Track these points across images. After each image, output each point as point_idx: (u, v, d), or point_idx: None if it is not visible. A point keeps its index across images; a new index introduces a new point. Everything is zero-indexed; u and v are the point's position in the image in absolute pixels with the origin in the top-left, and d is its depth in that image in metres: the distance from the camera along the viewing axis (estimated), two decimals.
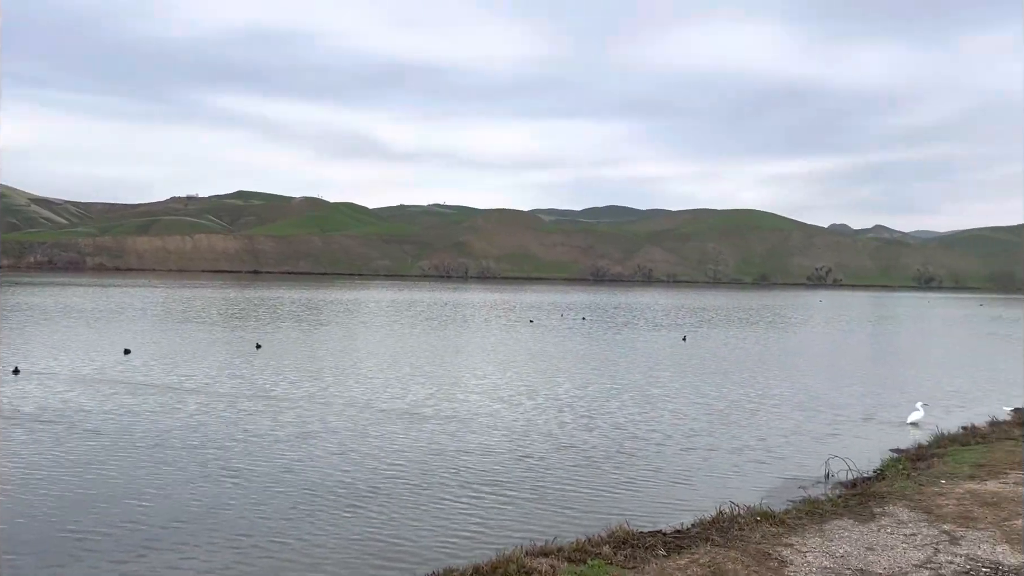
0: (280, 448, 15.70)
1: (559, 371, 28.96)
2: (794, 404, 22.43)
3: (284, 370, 27.15)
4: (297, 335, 41.55)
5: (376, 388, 23.67)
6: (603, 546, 8.58)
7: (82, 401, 20.14)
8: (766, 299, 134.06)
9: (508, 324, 54.90)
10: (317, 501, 12.28)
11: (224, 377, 25.02)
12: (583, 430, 18.11)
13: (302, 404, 20.55)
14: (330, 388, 23.43)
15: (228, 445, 15.84)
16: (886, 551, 8.16)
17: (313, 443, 16.18)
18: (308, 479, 13.53)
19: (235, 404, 20.28)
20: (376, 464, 14.67)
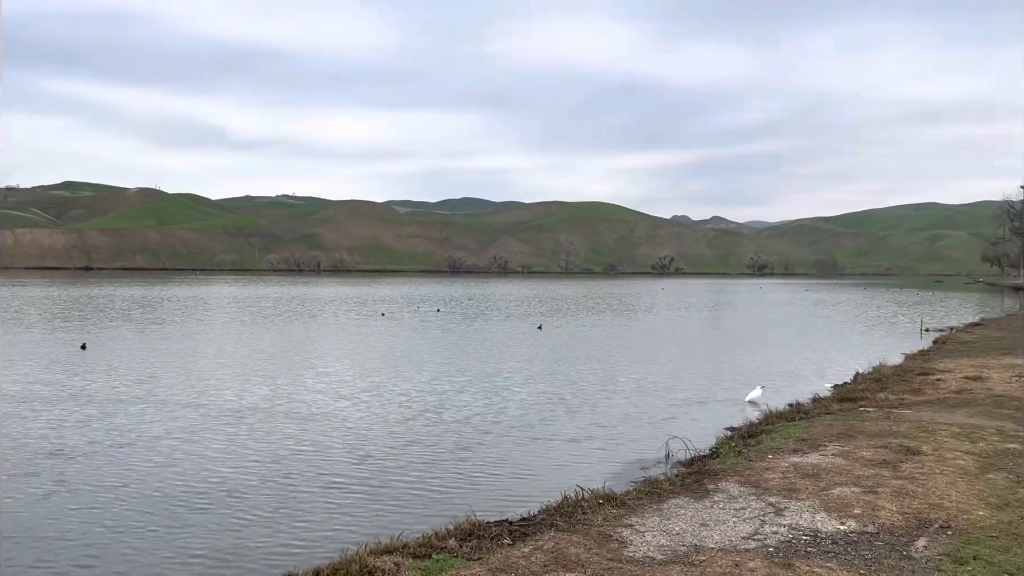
0: (107, 455, 14.57)
1: (409, 365, 28.69)
2: (637, 389, 23.27)
3: (111, 372, 25.32)
4: (129, 335, 38.91)
5: (212, 388, 22.52)
6: (449, 539, 8.49)
7: None
8: (615, 287, 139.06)
9: (359, 318, 53.90)
10: (150, 510, 11.49)
11: (40, 382, 23.00)
12: (431, 424, 17.97)
13: (130, 407, 19.21)
14: (162, 390, 22.07)
15: (47, 454, 14.53)
16: (718, 526, 8.53)
17: (143, 449, 15.14)
18: (139, 487, 12.64)
19: (54, 410, 18.66)
20: (213, 468, 13.91)
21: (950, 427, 13.31)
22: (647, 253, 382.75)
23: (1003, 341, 30.70)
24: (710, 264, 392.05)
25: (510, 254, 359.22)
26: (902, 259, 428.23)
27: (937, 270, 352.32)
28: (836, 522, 8.53)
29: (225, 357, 30.14)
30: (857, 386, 20.05)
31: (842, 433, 13.09)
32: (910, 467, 10.72)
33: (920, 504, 9.08)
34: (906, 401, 16.50)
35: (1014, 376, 19.63)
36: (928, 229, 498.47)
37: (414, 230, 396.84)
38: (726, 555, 7.59)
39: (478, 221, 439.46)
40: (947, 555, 7.48)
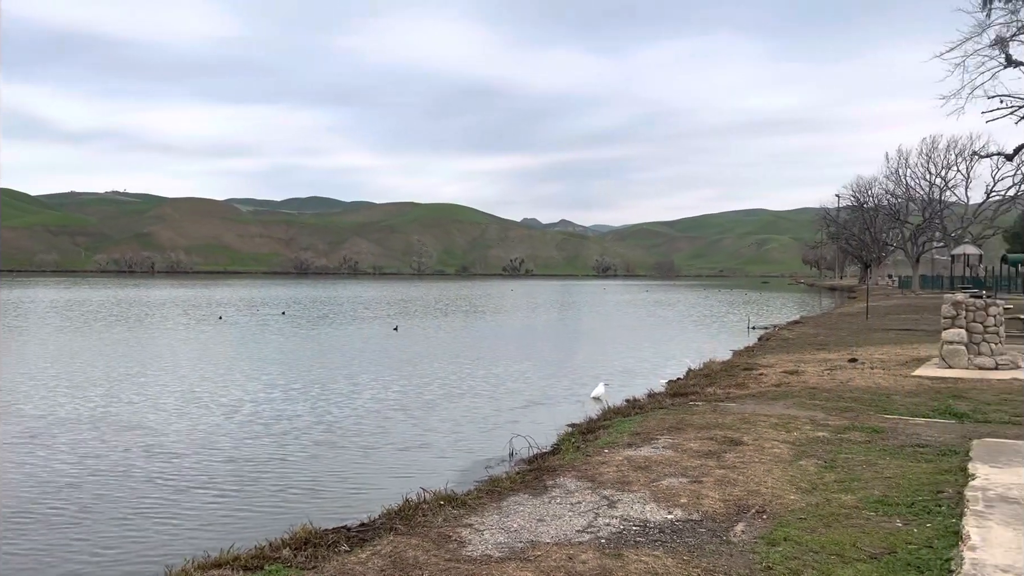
0: None
1: (249, 371, 27.62)
2: (485, 389, 23.51)
3: None
4: None
5: (32, 396, 20.71)
6: (283, 549, 8.22)
7: None
8: (467, 289, 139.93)
9: (193, 322, 51.29)
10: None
11: None
12: (270, 432, 17.36)
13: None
14: None
15: None
16: (554, 520, 8.76)
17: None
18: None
19: None
20: (34, 481, 12.78)
21: (769, 418, 14.31)
22: (499, 255, 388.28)
23: (818, 337, 33.39)
24: (558, 266, 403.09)
25: (360, 255, 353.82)
26: (733, 261, 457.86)
27: (764, 272, 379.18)
28: (664, 512, 8.96)
29: (30, 367, 27.78)
30: (688, 381, 21.19)
31: (673, 426, 13.78)
32: (732, 457, 11.43)
33: (740, 491, 9.69)
34: (731, 395, 17.60)
35: (826, 370, 21.39)
36: (756, 233, 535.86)
37: (258, 229, 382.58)
38: (561, 548, 7.80)
39: (327, 221, 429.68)
40: (762, 538, 8.03)
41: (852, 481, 10.08)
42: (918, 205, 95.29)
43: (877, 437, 12.69)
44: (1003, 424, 13.62)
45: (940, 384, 18.33)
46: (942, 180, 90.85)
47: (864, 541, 7.86)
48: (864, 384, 18.55)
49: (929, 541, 7.80)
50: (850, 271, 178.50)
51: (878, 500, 9.23)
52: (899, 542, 7.82)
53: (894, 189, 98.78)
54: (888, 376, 19.84)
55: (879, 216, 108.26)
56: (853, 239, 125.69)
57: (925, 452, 11.60)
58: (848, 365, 22.38)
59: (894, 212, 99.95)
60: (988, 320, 20.69)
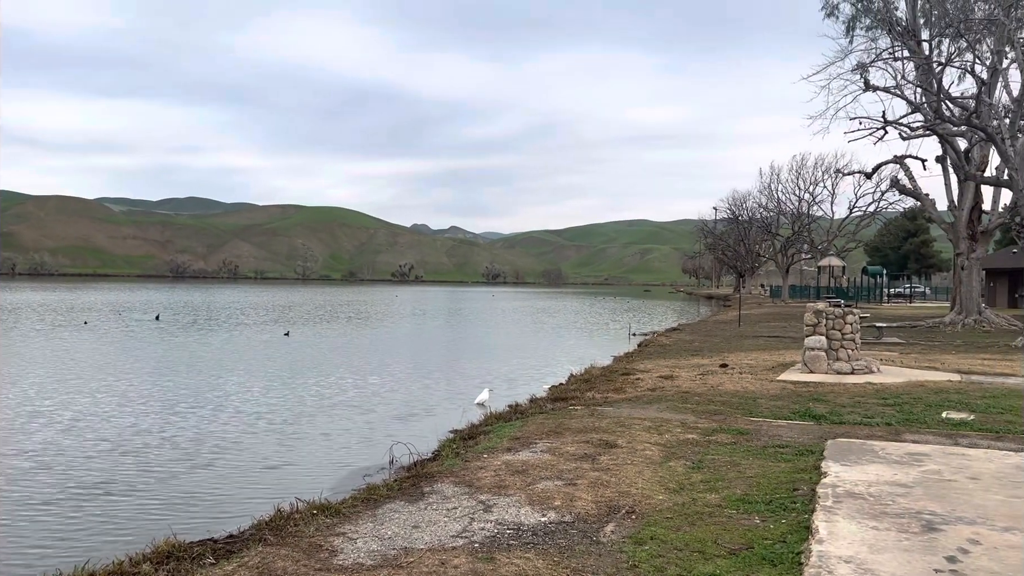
0: None
1: (114, 381, 26.24)
2: (366, 397, 23.21)
3: None
4: None
5: None
6: (143, 564, 7.85)
7: None
8: (353, 295, 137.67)
9: (50, 328, 48.27)
10: None
11: None
12: (138, 445, 16.55)
13: None
14: None
15: None
16: (430, 526, 8.74)
17: None
18: None
19: None
20: None
21: (643, 421, 14.78)
22: (387, 260, 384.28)
23: (694, 344, 34.74)
24: (448, 272, 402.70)
25: (241, 259, 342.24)
26: (618, 270, 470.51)
27: (646, 280, 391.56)
28: (538, 514, 9.11)
29: None
30: (569, 386, 21.60)
31: (552, 430, 14.02)
32: (607, 459, 11.74)
33: (612, 493, 9.96)
34: (609, 399, 18.07)
35: (699, 375, 22.27)
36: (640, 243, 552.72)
37: (131, 231, 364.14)
38: (434, 554, 7.80)
39: (206, 223, 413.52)
40: (630, 537, 8.28)
41: (717, 481, 10.54)
42: (788, 218, 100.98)
43: (742, 438, 13.32)
44: (855, 425, 14.58)
45: (802, 388, 19.42)
46: (810, 195, 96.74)
47: (724, 538, 8.24)
48: (733, 388, 19.43)
49: (783, 536, 8.25)
50: (726, 281, 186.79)
51: (740, 499, 9.69)
52: (756, 538, 8.24)
53: (767, 203, 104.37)
54: (755, 380, 20.86)
55: (753, 228, 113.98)
56: (729, 250, 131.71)
57: (785, 452, 12.26)
58: (719, 370, 23.39)
59: (767, 225, 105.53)
60: (846, 328, 22.10)
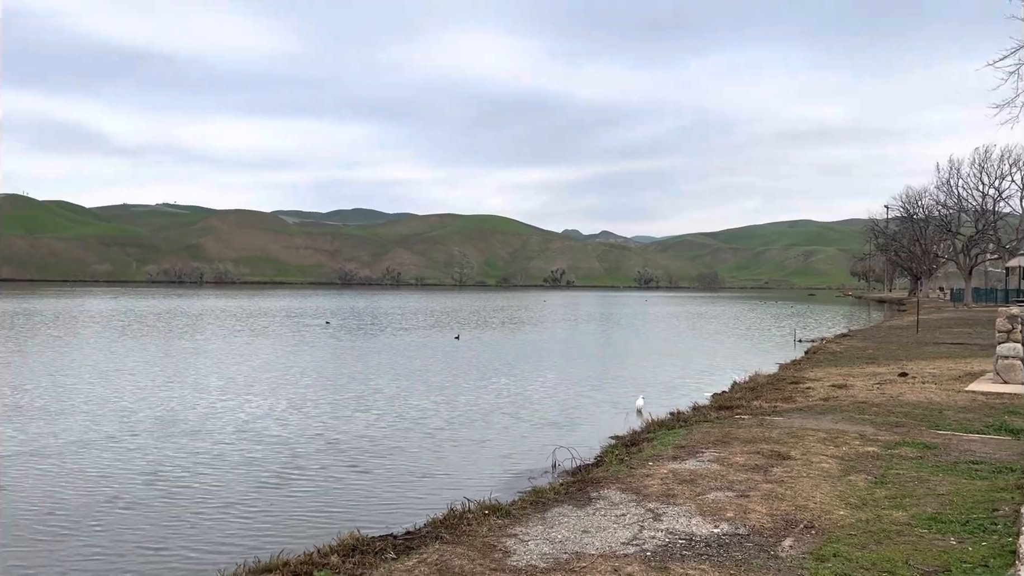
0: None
1: (296, 382, 28.04)
2: (526, 400, 23.54)
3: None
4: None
5: (86, 403, 21.31)
6: (331, 556, 8.35)
7: None
8: (506, 300, 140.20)
9: (249, 331, 52.22)
10: (21, 529, 10.81)
11: None
12: (320, 441, 17.62)
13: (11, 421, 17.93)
14: (26, 406, 20.71)
15: None
16: (600, 532, 8.75)
17: (9, 467, 14.16)
18: (6, 507, 11.82)
19: None
20: (87, 488, 13.17)
21: (817, 432, 14.10)
22: (539, 266, 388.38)
23: (867, 351, 32.75)
24: (599, 277, 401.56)
25: (403, 266, 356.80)
26: (779, 273, 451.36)
27: (810, 284, 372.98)
28: (710, 525, 8.90)
29: (80, 374, 28.55)
30: (734, 394, 20.95)
31: (718, 440, 13.65)
32: (780, 471, 11.29)
33: (787, 506, 9.57)
34: (778, 408, 17.37)
35: (876, 384, 20.98)
36: (802, 245, 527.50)
37: (303, 241, 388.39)
38: (606, 560, 7.79)
39: (370, 232, 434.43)
40: (810, 553, 7.92)
41: (904, 497, 9.89)
42: (971, 216, 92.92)
43: (929, 453, 12.43)
44: None
45: (995, 400, 17.87)
46: (995, 191, 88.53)
47: (917, 559, 7.71)
48: (915, 399, 18.17)
49: (984, 560, 7.63)
50: (899, 283, 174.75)
51: (931, 517, 9.05)
52: (953, 560, 7.66)
53: (945, 200, 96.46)
54: (940, 391, 19.40)
55: (930, 227, 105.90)
56: (903, 251, 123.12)
57: (980, 469, 11.33)
58: (898, 379, 21.93)
59: (945, 223, 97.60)
60: None
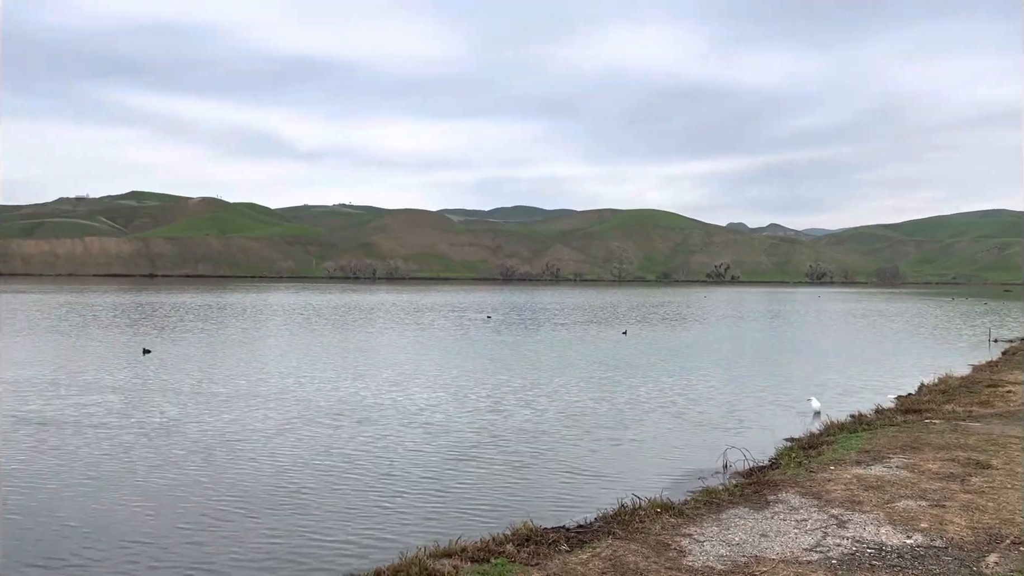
0: (181, 454, 15.03)
1: (474, 372, 28.87)
2: (693, 398, 23.02)
3: (175, 376, 26.05)
4: (191, 340, 40.00)
5: (273, 392, 23.00)
6: (506, 544, 8.54)
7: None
8: (666, 296, 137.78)
9: (416, 325, 54.47)
10: (219, 510, 11.81)
11: (106, 383, 23.80)
12: (491, 431, 18.06)
13: (197, 410, 19.75)
14: (222, 394, 22.63)
15: (121, 453, 15.05)
16: (779, 537, 8.41)
17: (212, 451, 15.56)
18: (208, 488, 12.99)
19: (125, 412, 19.30)
20: (278, 470, 14.23)
21: (1021, 440, 12.86)
22: (702, 261, 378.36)
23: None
24: (767, 272, 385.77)
25: (562, 262, 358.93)
26: (968, 268, 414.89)
27: (1006, 279, 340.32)
28: (902, 536, 8.33)
29: (285, 362, 30.73)
30: (922, 397, 19.50)
31: (907, 445, 12.76)
32: (979, 480, 10.40)
33: (990, 519, 8.80)
34: (974, 413, 16.00)
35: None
36: (996, 237, 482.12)
37: (467, 238, 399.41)
38: (787, 566, 7.48)
39: (530, 229, 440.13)
40: (1020, 572, 7.25)
41: None
42: None
43: None
44: None
45: None
46: None
47: None
48: None
49: None
50: None
51: None
52: None
53: None
54: None
55: None
56: None
57: None
58: None
59: None
60: None
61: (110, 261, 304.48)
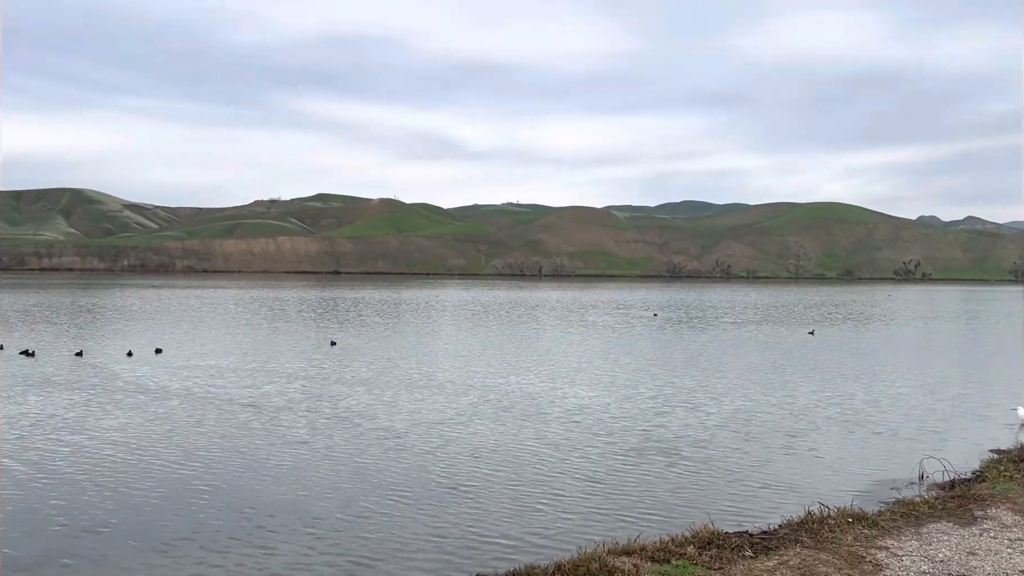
0: (365, 444, 15.96)
1: (653, 369, 28.66)
2: (884, 403, 21.60)
3: (357, 366, 27.64)
4: (370, 333, 42.29)
5: (455, 385, 23.85)
6: (687, 546, 8.41)
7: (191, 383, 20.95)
8: (849, 294, 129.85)
9: (580, 322, 54.68)
10: (407, 496, 12.41)
11: (297, 374, 25.63)
12: (672, 429, 17.83)
13: (378, 399, 20.87)
14: (399, 384, 23.73)
15: (307, 441, 16.19)
16: (989, 556, 7.75)
17: (400, 439, 16.40)
18: (398, 474, 13.69)
19: (320, 398, 20.73)
20: (468, 459, 14.78)
21: None
22: (889, 257, 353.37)
23: None
24: (963, 269, 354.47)
25: (733, 258, 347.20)
26: None
27: None
28: None
29: (464, 355, 31.82)
30: None
31: None
32: None
33: None
34: None
35: None
36: None
37: (633, 235, 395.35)
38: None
39: (699, 225, 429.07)
40: None
41: None
42: None
43: None
44: None
45: None
46: None
47: None
48: None
49: None
50: None
51: None
52: None
53: None
54: None
55: None
56: None
57: None
58: None
59: None
60: None
61: (299, 259, 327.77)
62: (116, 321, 49.24)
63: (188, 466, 14.05)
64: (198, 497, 12.20)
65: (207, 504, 11.89)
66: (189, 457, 14.65)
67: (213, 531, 10.67)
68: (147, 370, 26.15)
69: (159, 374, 25.23)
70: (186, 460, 14.42)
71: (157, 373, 25.44)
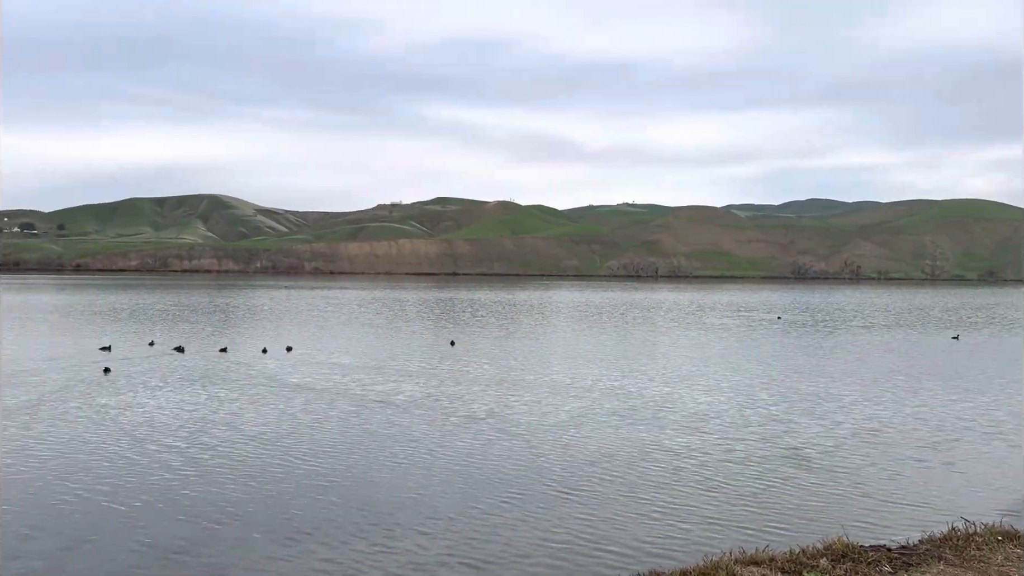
0: (483, 444, 16.18)
1: (776, 374, 27.77)
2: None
3: (475, 366, 28.05)
4: (487, 334, 42.84)
5: (572, 387, 23.83)
6: (819, 558, 8.06)
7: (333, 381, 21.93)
8: (989, 297, 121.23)
9: (698, 325, 53.48)
10: (525, 497, 12.48)
11: (418, 373, 26.25)
12: (778, 440, 17.15)
13: (496, 400, 21.10)
14: (515, 385, 23.89)
15: (427, 439, 16.55)
16: None
17: (518, 440, 16.54)
18: (516, 475, 13.80)
19: (431, 400, 21.20)
20: (585, 462, 14.74)
21: None
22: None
23: None
24: None
25: (863, 259, 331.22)
26: None
27: None
28: None
29: (581, 357, 31.77)
30: None
31: None
32: None
33: None
34: None
35: None
36: None
37: (754, 235, 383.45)
38: None
39: (826, 223, 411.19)
40: None
41: None
42: None
43: None
44: None
45: None
46: None
47: None
48: None
49: None
50: None
51: None
52: None
53: None
54: None
55: None
56: None
57: None
58: None
59: None
60: None
61: (419, 261, 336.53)
62: (250, 320, 52.13)
63: (315, 460, 14.66)
64: (323, 492, 12.71)
65: (330, 498, 12.37)
66: (316, 452, 15.28)
67: (334, 526, 11.07)
68: (280, 366, 27.53)
69: (290, 370, 26.52)
70: (313, 455, 15.05)
71: (289, 369, 26.74)
